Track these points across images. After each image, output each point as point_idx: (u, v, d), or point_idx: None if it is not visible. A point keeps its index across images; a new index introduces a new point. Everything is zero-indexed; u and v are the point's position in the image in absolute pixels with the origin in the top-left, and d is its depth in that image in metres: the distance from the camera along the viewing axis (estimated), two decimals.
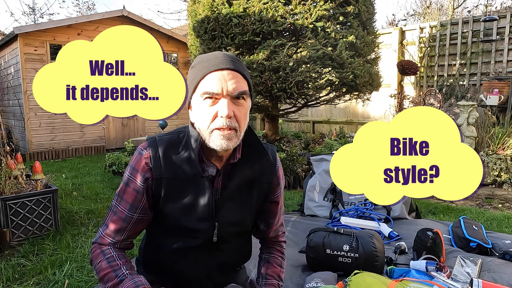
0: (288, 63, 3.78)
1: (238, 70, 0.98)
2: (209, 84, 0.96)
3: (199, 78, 0.98)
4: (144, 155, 1.04)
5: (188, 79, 1.03)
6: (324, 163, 2.98)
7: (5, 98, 7.27)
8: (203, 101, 0.97)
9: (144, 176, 1.04)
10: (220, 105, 0.96)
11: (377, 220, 2.48)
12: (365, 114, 6.98)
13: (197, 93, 0.99)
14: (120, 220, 1.06)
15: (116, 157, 5.12)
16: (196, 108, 1.00)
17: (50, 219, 2.71)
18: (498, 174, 3.85)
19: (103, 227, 1.08)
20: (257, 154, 1.10)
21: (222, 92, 0.95)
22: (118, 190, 1.08)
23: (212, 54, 1.01)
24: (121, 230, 1.07)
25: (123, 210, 1.06)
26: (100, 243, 1.07)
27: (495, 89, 4.72)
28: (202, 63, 0.99)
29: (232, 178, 1.07)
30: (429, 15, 12.19)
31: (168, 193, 1.05)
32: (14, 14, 29.55)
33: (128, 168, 1.07)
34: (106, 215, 1.09)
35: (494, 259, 1.89)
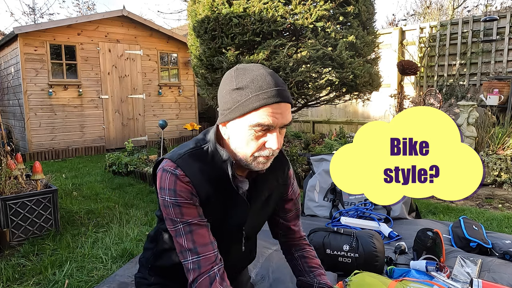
0: (288, 63, 3.78)
1: (289, 101, 0.96)
2: (264, 117, 0.92)
3: (251, 108, 0.92)
4: (179, 175, 1.00)
5: (233, 100, 0.95)
6: (324, 163, 2.98)
7: (5, 98, 7.27)
8: (251, 129, 0.94)
9: (192, 193, 1.01)
10: (271, 138, 0.95)
11: (377, 220, 2.48)
12: (365, 114, 6.99)
13: (246, 120, 0.94)
14: (202, 229, 1.01)
15: (116, 157, 5.12)
16: (241, 133, 0.97)
17: (50, 219, 2.71)
18: (498, 174, 3.85)
19: (190, 254, 1.00)
20: (279, 163, 1.14)
21: (275, 125, 0.94)
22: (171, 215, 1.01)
23: (262, 77, 0.94)
24: (212, 240, 1.03)
25: (195, 221, 1.01)
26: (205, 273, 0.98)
27: (495, 89, 4.72)
28: (254, 90, 0.93)
29: (260, 188, 1.11)
30: (429, 15, 12.19)
31: (209, 208, 1.05)
32: (14, 14, 29.56)
33: (166, 192, 1.00)
34: (179, 244, 1.01)
35: (494, 259, 1.89)
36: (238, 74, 0.96)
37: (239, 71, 0.97)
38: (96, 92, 7.09)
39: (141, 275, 1.30)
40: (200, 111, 9.27)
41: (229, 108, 0.96)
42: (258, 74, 0.95)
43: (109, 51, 7.17)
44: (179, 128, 8.23)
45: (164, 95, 8.02)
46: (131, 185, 4.29)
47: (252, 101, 0.92)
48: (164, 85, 8.03)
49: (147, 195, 3.85)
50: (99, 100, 7.15)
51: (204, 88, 4.62)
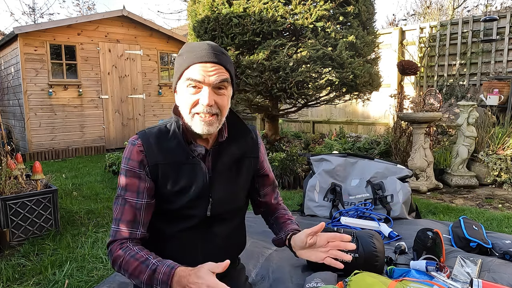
0: (288, 63, 3.78)
1: (220, 63, 1.06)
2: (193, 73, 1.04)
3: (184, 67, 1.06)
4: (136, 144, 1.10)
5: (175, 65, 1.11)
6: (324, 163, 2.98)
7: (5, 98, 7.27)
8: (186, 87, 1.06)
9: (141, 163, 1.09)
10: (202, 94, 1.05)
11: (377, 220, 2.48)
12: (365, 114, 6.99)
13: (182, 79, 1.07)
14: (131, 210, 1.09)
15: (116, 157, 5.12)
16: (181, 94, 1.09)
17: (50, 219, 2.71)
18: (498, 174, 3.85)
19: (115, 223, 1.10)
20: (241, 133, 1.21)
21: (204, 81, 1.04)
22: (118, 183, 1.12)
23: (198, 45, 1.07)
24: (136, 220, 1.09)
25: (131, 199, 1.09)
26: (118, 240, 1.07)
27: (495, 89, 4.72)
28: (188, 53, 1.07)
29: (222, 156, 1.16)
30: (429, 15, 12.19)
31: (164, 178, 1.10)
32: (14, 14, 29.56)
33: (123, 160, 1.11)
34: (114, 212, 1.11)
35: (494, 259, 1.89)
36: (184, 45, 1.11)
37: (186, 44, 1.12)
38: (96, 92, 7.09)
39: None
40: None
41: (174, 75, 1.11)
42: (198, 43, 1.08)
43: (109, 51, 7.17)
44: None
45: (164, 95, 8.02)
46: None
47: (186, 61, 1.06)
48: (164, 85, 8.03)
49: None
50: (99, 100, 7.15)
51: None
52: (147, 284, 0.98)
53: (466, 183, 3.92)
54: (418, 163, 3.81)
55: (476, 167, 4.06)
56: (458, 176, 3.97)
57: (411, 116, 3.88)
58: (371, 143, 5.31)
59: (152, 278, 0.97)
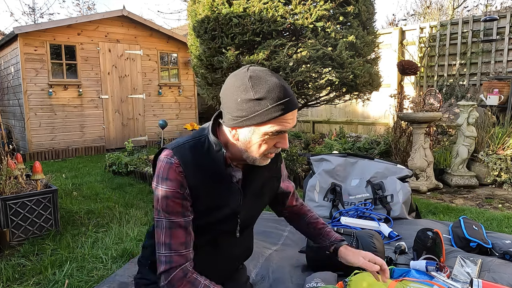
0: (288, 63, 3.78)
1: (297, 105, 1.03)
2: (281, 124, 0.99)
3: (271, 117, 0.97)
4: (174, 164, 1.04)
5: (249, 109, 0.98)
6: (324, 163, 2.98)
7: (5, 98, 7.28)
8: (267, 135, 1.00)
9: (181, 185, 1.05)
10: (282, 140, 1.04)
11: (377, 220, 2.48)
12: (365, 114, 6.99)
13: (264, 127, 0.99)
14: (180, 230, 1.05)
15: (116, 157, 5.12)
16: (254, 138, 1.01)
17: (50, 219, 2.71)
18: (498, 174, 3.85)
19: (164, 248, 1.04)
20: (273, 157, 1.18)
21: (287, 129, 1.02)
22: (158, 206, 1.06)
23: (279, 89, 0.97)
24: (186, 239, 1.06)
25: (178, 220, 1.05)
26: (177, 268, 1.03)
27: (495, 89, 4.72)
28: (274, 101, 0.97)
29: (254, 178, 1.16)
30: (429, 15, 12.19)
31: (202, 198, 1.09)
32: (14, 14, 29.56)
33: (160, 179, 1.05)
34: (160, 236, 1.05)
35: (494, 259, 1.89)
36: (254, 83, 0.97)
37: (254, 80, 0.97)
38: (96, 92, 7.09)
39: (140, 276, 1.30)
40: (200, 111, 9.27)
41: (245, 116, 0.98)
42: (273, 83, 0.97)
43: (109, 51, 7.17)
44: (179, 128, 8.23)
45: (164, 95, 8.02)
46: (131, 185, 4.29)
47: (272, 111, 0.96)
48: (164, 85, 8.03)
49: (147, 195, 3.85)
50: (99, 100, 7.14)
51: (204, 88, 4.62)
52: None
53: (466, 183, 3.92)
54: (418, 163, 3.81)
55: (476, 167, 4.06)
56: (458, 176, 3.97)
57: (411, 116, 3.88)
58: (371, 143, 5.31)
59: None
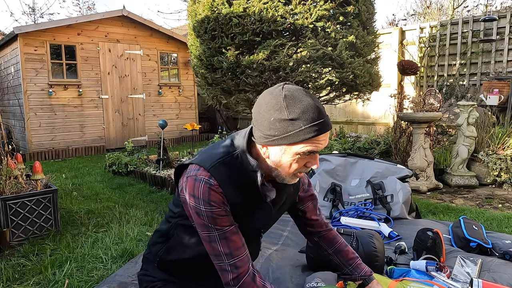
0: (288, 63, 3.78)
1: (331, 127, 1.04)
2: (314, 145, 1.01)
3: (305, 138, 0.99)
4: (213, 186, 1.06)
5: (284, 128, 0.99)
6: (324, 163, 2.98)
7: (5, 98, 7.27)
8: (299, 155, 1.02)
9: (223, 203, 1.09)
10: (313, 160, 1.05)
11: (377, 220, 2.48)
12: (365, 114, 6.99)
13: (296, 147, 1.01)
14: (234, 235, 1.10)
15: (116, 157, 5.12)
16: (285, 157, 1.03)
17: (50, 219, 2.71)
18: (498, 174, 3.85)
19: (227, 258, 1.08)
20: None
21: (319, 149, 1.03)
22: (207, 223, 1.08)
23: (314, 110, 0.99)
24: (243, 242, 1.11)
25: (230, 229, 1.09)
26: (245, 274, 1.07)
27: (495, 89, 4.72)
28: (308, 122, 0.98)
29: (281, 194, 1.20)
30: (429, 15, 12.19)
31: (237, 214, 1.13)
32: (14, 14, 29.54)
33: (202, 201, 1.07)
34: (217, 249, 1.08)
35: (494, 259, 1.89)
36: (289, 103, 0.98)
37: (289, 100, 0.99)
38: (96, 92, 7.09)
39: (145, 272, 1.30)
40: (200, 111, 9.27)
41: (277, 135, 1.00)
42: (307, 104, 0.98)
43: (109, 51, 7.17)
44: (179, 128, 8.23)
45: (164, 95, 8.02)
46: (131, 185, 4.29)
47: (305, 132, 0.98)
48: (164, 85, 8.03)
49: (147, 195, 3.85)
50: (99, 100, 7.14)
51: (204, 88, 4.62)
52: None
53: (466, 183, 3.92)
54: (418, 163, 3.81)
55: (476, 167, 4.06)
56: (458, 176, 3.97)
57: (411, 116, 3.88)
58: (371, 143, 5.31)
59: None
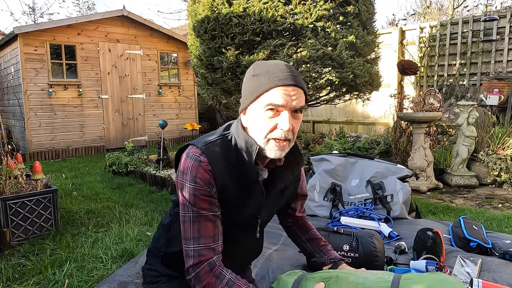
0: (288, 63, 3.78)
1: (300, 86, 1.02)
2: (274, 97, 0.99)
3: (264, 89, 1.00)
4: (203, 162, 1.04)
5: (249, 85, 1.04)
6: (324, 163, 2.98)
7: (5, 98, 7.27)
8: (264, 111, 1.01)
9: (209, 183, 1.05)
10: (282, 118, 1.00)
11: (377, 220, 2.48)
12: (365, 114, 6.99)
13: (260, 102, 1.02)
14: (210, 224, 1.05)
15: (116, 157, 5.12)
16: (255, 116, 1.03)
17: (50, 219, 2.71)
18: (498, 174, 3.85)
19: (193, 242, 1.04)
20: (296, 160, 1.22)
21: (285, 105, 1.00)
22: (186, 201, 1.06)
23: (276, 66, 1.02)
24: (216, 233, 1.06)
25: (207, 213, 1.05)
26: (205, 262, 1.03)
27: (495, 89, 4.72)
28: (267, 74, 1.01)
29: (276, 180, 1.16)
30: (429, 15, 12.19)
31: (228, 198, 1.09)
32: (14, 14, 29.54)
33: (187, 176, 1.05)
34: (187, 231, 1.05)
35: (494, 259, 1.88)
36: (257, 65, 1.06)
37: (258, 63, 1.06)
38: (96, 92, 7.09)
39: (149, 267, 1.30)
40: (200, 111, 9.27)
41: (246, 94, 1.05)
42: (273, 63, 1.04)
43: (109, 51, 7.17)
44: (179, 128, 8.23)
45: (164, 95, 8.02)
46: (131, 185, 4.29)
47: (265, 83, 1.00)
48: (164, 85, 8.03)
49: (147, 195, 3.85)
50: (99, 100, 7.14)
51: (204, 88, 4.62)
52: None
53: (466, 183, 3.92)
54: (418, 163, 3.81)
55: (476, 167, 4.06)
56: (458, 176, 3.97)
57: (411, 116, 3.88)
58: (371, 143, 5.31)
59: None
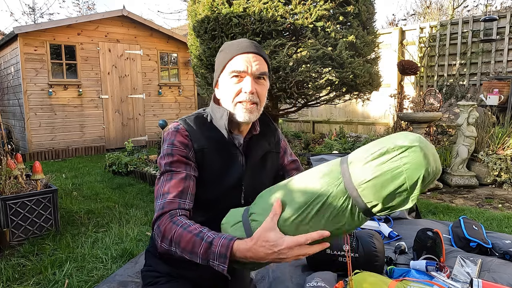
0: (288, 63, 3.78)
1: (260, 54, 1.13)
2: (236, 64, 1.10)
3: (227, 59, 1.12)
4: (180, 129, 1.11)
5: (217, 61, 1.16)
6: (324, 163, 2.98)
7: (5, 98, 7.27)
8: (230, 79, 1.11)
9: (187, 146, 1.10)
10: (245, 83, 1.10)
11: (377, 220, 2.48)
12: (365, 114, 6.98)
13: (225, 72, 1.13)
14: (180, 181, 1.05)
15: (116, 157, 5.12)
16: (224, 86, 1.14)
17: (50, 219, 2.71)
18: (498, 174, 3.85)
19: (161, 198, 1.03)
20: (270, 130, 1.29)
21: (247, 70, 1.10)
22: (163, 164, 1.07)
23: (238, 40, 1.15)
24: (184, 191, 1.04)
25: (179, 171, 1.06)
26: (167, 213, 1.00)
27: (495, 89, 4.72)
28: (230, 47, 1.13)
29: (255, 147, 1.21)
30: (429, 15, 12.19)
31: (206, 163, 1.12)
32: (14, 14, 29.53)
33: (166, 143, 1.10)
34: (159, 189, 1.05)
35: (494, 259, 1.89)
36: (225, 44, 1.17)
37: (226, 42, 1.17)
38: (96, 92, 7.09)
39: (148, 268, 1.29)
40: None
41: (215, 70, 1.16)
42: (238, 40, 1.16)
43: (109, 51, 7.17)
44: None
45: (164, 95, 8.02)
46: (131, 185, 4.29)
47: (229, 53, 1.12)
48: (164, 85, 8.03)
49: (147, 195, 3.85)
50: (99, 100, 7.14)
51: (204, 88, 4.62)
52: (203, 258, 0.90)
53: (466, 183, 3.92)
54: None
55: (476, 167, 4.06)
56: (458, 176, 3.97)
57: (411, 116, 3.88)
58: None
59: (208, 252, 0.89)
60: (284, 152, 1.36)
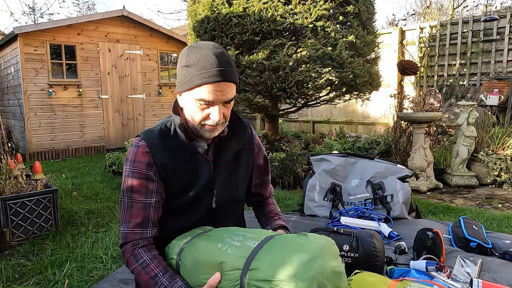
0: (288, 62, 3.78)
1: (230, 80, 1.05)
2: (204, 94, 1.03)
3: (194, 85, 1.03)
4: (141, 146, 1.10)
5: (182, 76, 1.06)
6: (324, 163, 2.98)
7: (5, 98, 7.27)
8: (196, 102, 1.05)
9: (148, 164, 1.10)
10: (213, 111, 1.05)
11: (377, 220, 2.48)
12: (365, 114, 6.99)
13: (192, 95, 1.05)
14: (140, 211, 1.09)
15: (116, 157, 5.12)
16: (189, 104, 1.08)
17: (50, 219, 2.71)
18: (498, 174, 3.85)
19: (124, 226, 1.09)
20: (239, 128, 1.25)
21: (216, 101, 1.04)
22: (124, 187, 1.11)
23: (207, 58, 1.03)
24: (144, 220, 1.10)
25: (139, 200, 1.09)
26: (129, 243, 1.08)
27: (495, 89, 4.72)
28: (197, 67, 1.03)
29: (223, 150, 1.19)
30: (429, 15, 12.19)
31: (172, 176, 1.12)
32: (14, 14, 29.54)
33: (128, 163, 1.11)
34: (121, 215, 1.11)
35: (494, 259, 1.88)
36: (189, 52, 1.06)
37: (190, 49, 1.07)
38: (96, 92, 7.09)
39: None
40: None
41: (180, 82, 1.08)
42: (204, 54, 1.03)
43: (109, 51, 7.17)
44: None
45: (164, 95, 8.02)
46: None
47: (196, 79, 1.02)
48: (164, 85, 8.03)
49: None
50: (99, 100, 7.14)
51: None
52: None
53: (466, 183, 3.92)
54: (418, 163, 3.81)
55: (476, 167, 4.05)
56: (458, 176, 3.97)
57: (411, 116, 3.88)
58: (371, 143, 5.31)
59: None
60: (259, 149, 1.35)
